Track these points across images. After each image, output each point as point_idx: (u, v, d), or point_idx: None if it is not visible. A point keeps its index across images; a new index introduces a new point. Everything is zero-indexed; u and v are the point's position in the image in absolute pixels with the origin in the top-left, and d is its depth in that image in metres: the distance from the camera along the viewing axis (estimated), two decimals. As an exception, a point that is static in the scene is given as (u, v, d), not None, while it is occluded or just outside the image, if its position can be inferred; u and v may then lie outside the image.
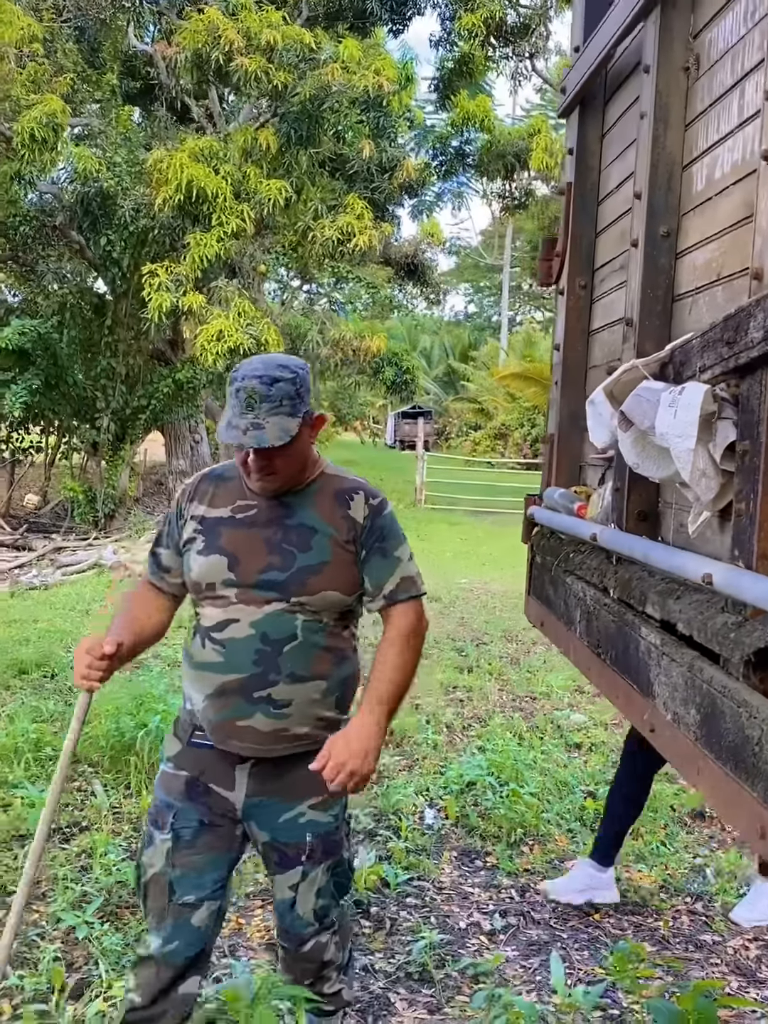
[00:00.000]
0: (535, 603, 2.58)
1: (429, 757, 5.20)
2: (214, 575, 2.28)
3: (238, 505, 2.33)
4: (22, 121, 13.87)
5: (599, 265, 2.37)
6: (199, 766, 2.35)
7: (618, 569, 1.82)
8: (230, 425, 2.16)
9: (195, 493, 2.40)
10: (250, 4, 14.16)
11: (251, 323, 13.42)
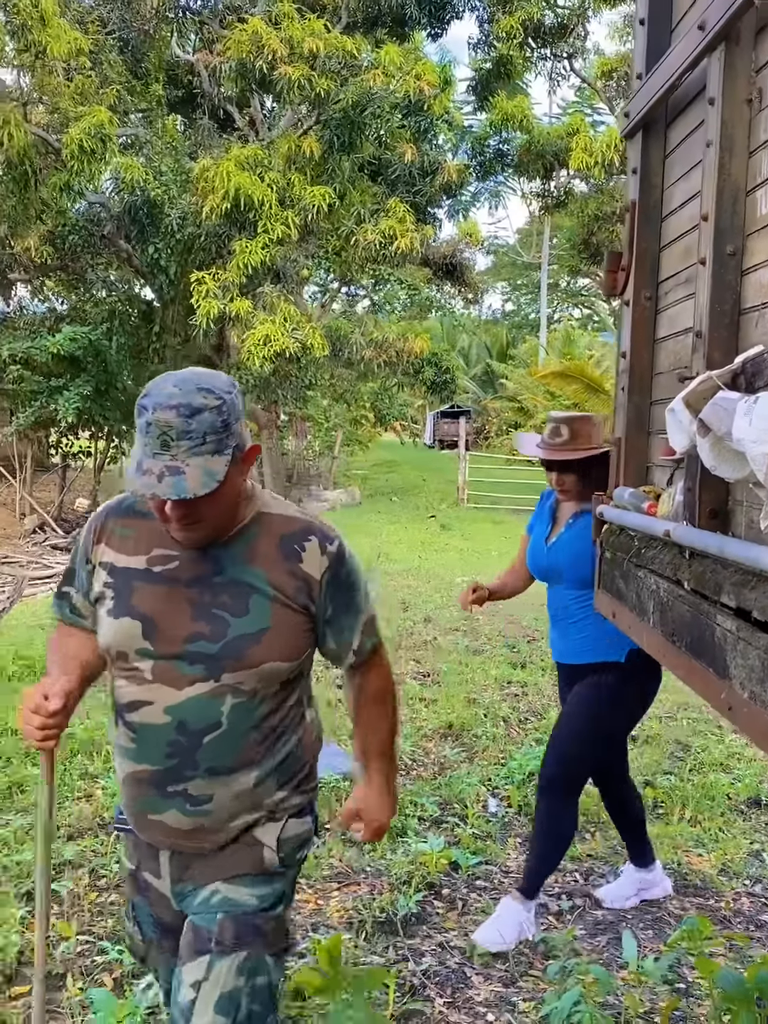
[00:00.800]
0: (605, 596, 2.73)
1: (489, 749, 5.36)
2: (126, 643, 1.90)
3: (156, 555, 1.91)
4: (71, 133, 14.17)
5: (664, 278, 2.52)
6: (136, 855, 2.09)
7: (691, 563, 1.97)
8: (141, 469, 1.73)
9: (101, 532, 1.97)
10: (292, 13, 14.38)
11: (296, 327, 13.64)
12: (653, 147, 2.51)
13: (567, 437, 3.38)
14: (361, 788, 2.18)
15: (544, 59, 20.74)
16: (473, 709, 6.05)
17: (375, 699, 2.14)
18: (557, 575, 3.51)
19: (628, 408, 2.60)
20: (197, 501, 1.75)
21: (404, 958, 3.25)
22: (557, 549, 3.51)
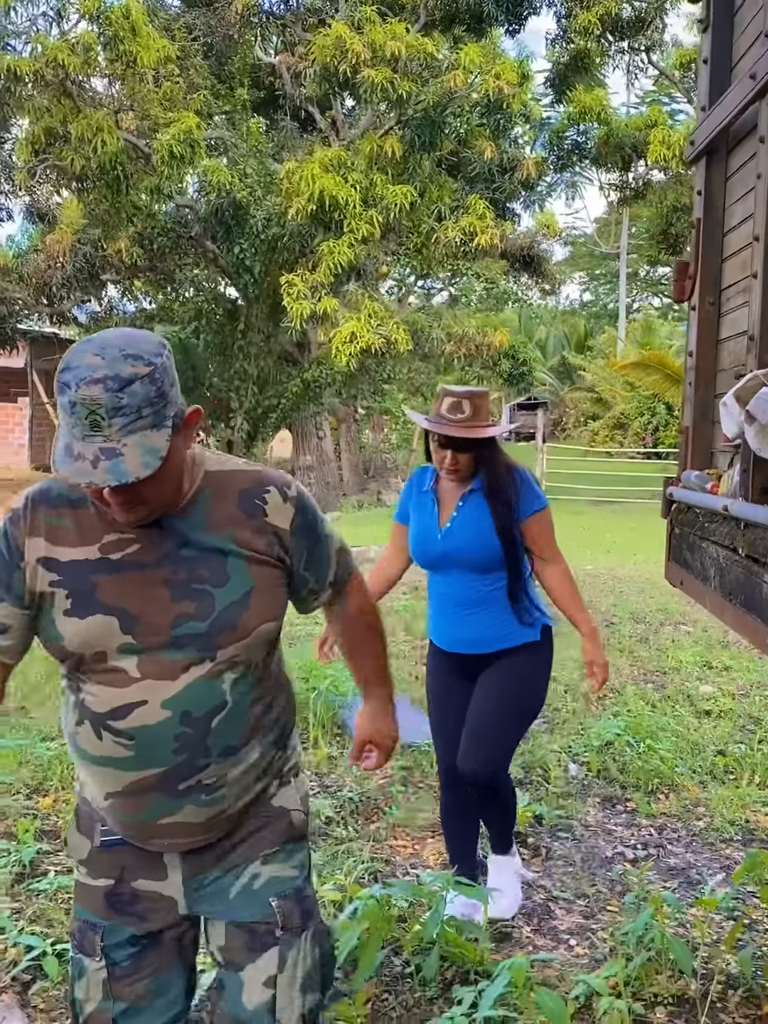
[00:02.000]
0: (675, 566, 3.09)
1: (568, 721, 5.71)
2: (102, 642, 1.70)
3: (109, 542, 1.72)
4: (161, 139, 14.77)
5: (725, 286, 2.86)
6: (116, 866, 1.86)
7: (745, 533, 2.33)
8: (71, 454, 1.53)
9: (32, 525, 1.73)
10: (374, 17, 14.78)
11: (381, 323, 14.06)
12: (715, 172, 2.86)
13: (469, 413, 3.14)
14: (367, 714, 2.15)
15: (621, 52, 20.85)
16: (553, 685, 6.38)
17: (362, 622, 2.10)
18: (456, 561, 3.24)
19: (694, 401, 2.95)
20: (139, 483, 1.56)
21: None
22: (453, 534, 3.25)
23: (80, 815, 1.93)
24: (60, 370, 1.54)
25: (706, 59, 2.91)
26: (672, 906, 3.20)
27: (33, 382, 23.32)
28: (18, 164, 16.46)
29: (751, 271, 2.43)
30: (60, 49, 14.14)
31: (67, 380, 1.53)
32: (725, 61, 2.84)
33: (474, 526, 3.21)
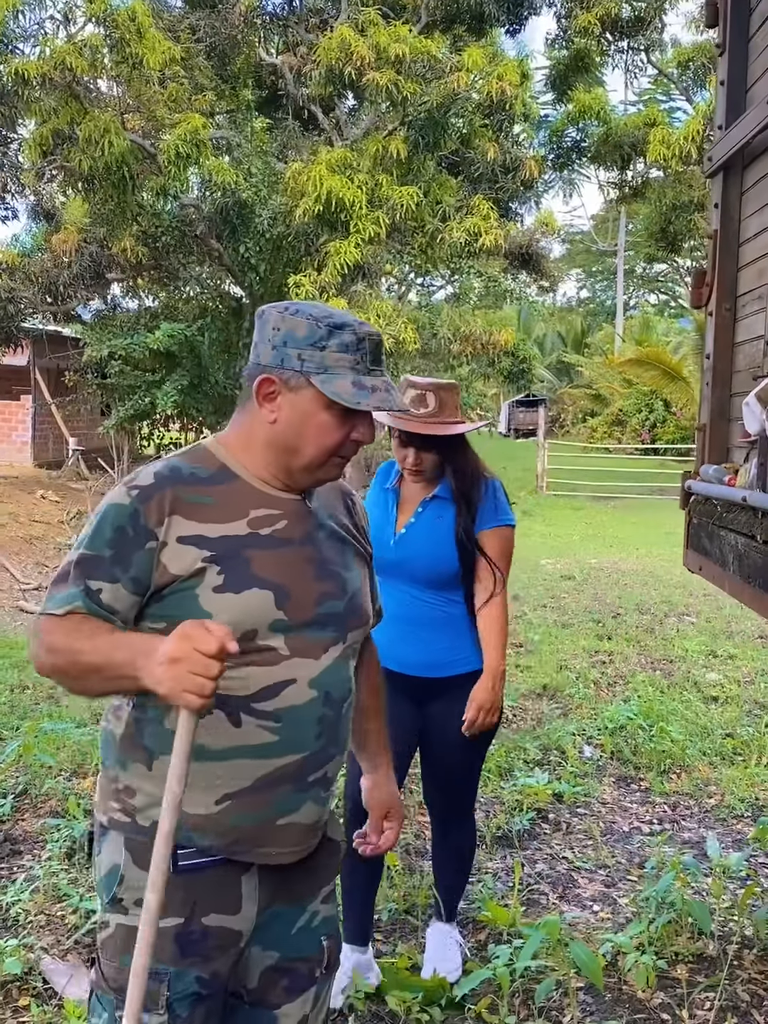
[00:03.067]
0: (693, 554, 3.30)
1: (582, 706, 5.93)
2: (256, 618, 1.64)
3: (256, 517, 1.69)
4: (167, 140, 14.95)
5: (741, 293, 3.07)
6: (188, 901, 1.66)
7: (763, 521, 2.54)
8: (363, 387, 1.62)
9: (167, 504, 1.64)
10: (378, 20, 14.96)
11: (389, 323, 14.25)
12: (732, 186, 3.07)
13: (434, 407, 2.83)
14: (381, 785, 2.03)
15: (621, 52, 21.03)
16: (565, 673, 6.63)
17: (376, 678, 2.06)
18: (407, 572, 2.91)
19: (712, 400, 3.16)
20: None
21: (520, 864, 3.85)
22: (408, 542, 2.93)
23: (136, 846, 1.67)
24: (319, 318, 1.62)
25: (723, 81, 3.12)
26: (692, 870, 3.41)
27: (36, 380, 23.45)
28: (26, 165, 16.63)
29: (764, 280, 2.64)
30: (67, 52, 14.29)
31: (343, 322, 1.63)
32: (741, 84, 3.05)
33: (432, 535, 2.90)
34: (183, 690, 1.42)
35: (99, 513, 1.67)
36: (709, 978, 3.05)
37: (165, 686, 1.45)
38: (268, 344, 1.66)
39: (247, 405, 1.71)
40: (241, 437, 1.73)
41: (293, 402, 1.65)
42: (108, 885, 1.70)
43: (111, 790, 1.72)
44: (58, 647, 1.60)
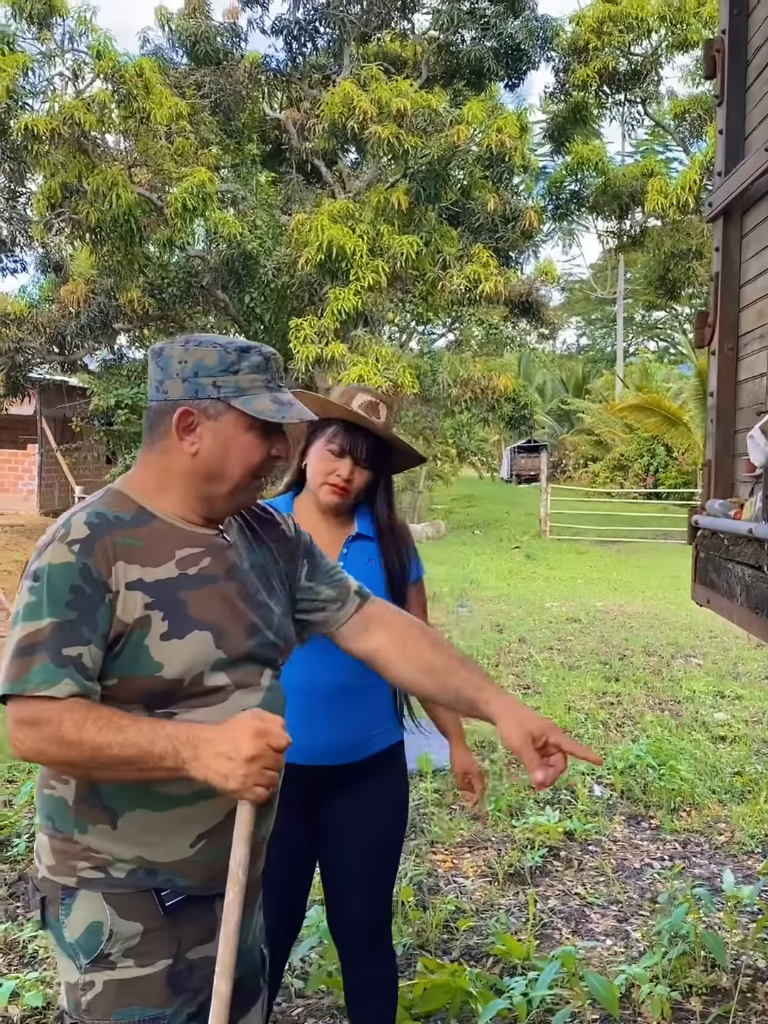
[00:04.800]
0: (700, 587, 3.36)
1: (590, 746, 5.94)
2: (201, 660, 1.64)
3: (182, 557, 1.67)
4: (174, 193, 15.22)
5: (742, 333, 3.17)
6: (175, 939, 1.66)
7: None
8: (281, 402, 1.66)
9: (110, 552, 1.59)
10: (379, 75, 15.29)
11: (387, 367, 14.43)
12: (731, 230, 3.17)
13: (384, 422, 2.49)
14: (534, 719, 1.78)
15: (618, 104, 21.42)
16: (573, 714, 6.65)
17: (436, 637, 1.91)
18: None
19: (716, 437, 3.24)
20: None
21: (533, 900, 3.87)
22: None
23: (117, 898, 1.64)
24: (224, 345, 1.65)
25: (721, 130, 3.24)
26: (704, 900, 3.44)
27: (42, 429, 23.64)
28: (34, 218, 16.91)
29: (764, 319, 2.73)
30: (76, 107, 14.59)
31: (247, 345, 1.67)
32: (739, 132, 3.16)
33: (363, 582, 2.07)
34: (255, 784, 1.49)
35: (42, 577, 1.57)
36: (723, 1011, 3.07)
37: (236, 782, 1.48)
38: (177, 378, 1.65)
39: (157, 444, 1.69)
40: (153, 477, 1.70)
41: (214, 429, 1.65)
42: (88, 945, 1.64)
43: (72, 852, 1.66)
44: (73, 740, 1.51)
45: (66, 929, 1.65)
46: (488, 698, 1.79)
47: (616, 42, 18.74)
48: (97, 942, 1.63)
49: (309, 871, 2.55)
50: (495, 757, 5.64)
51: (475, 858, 4.34)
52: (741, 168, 2.91)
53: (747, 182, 2.84)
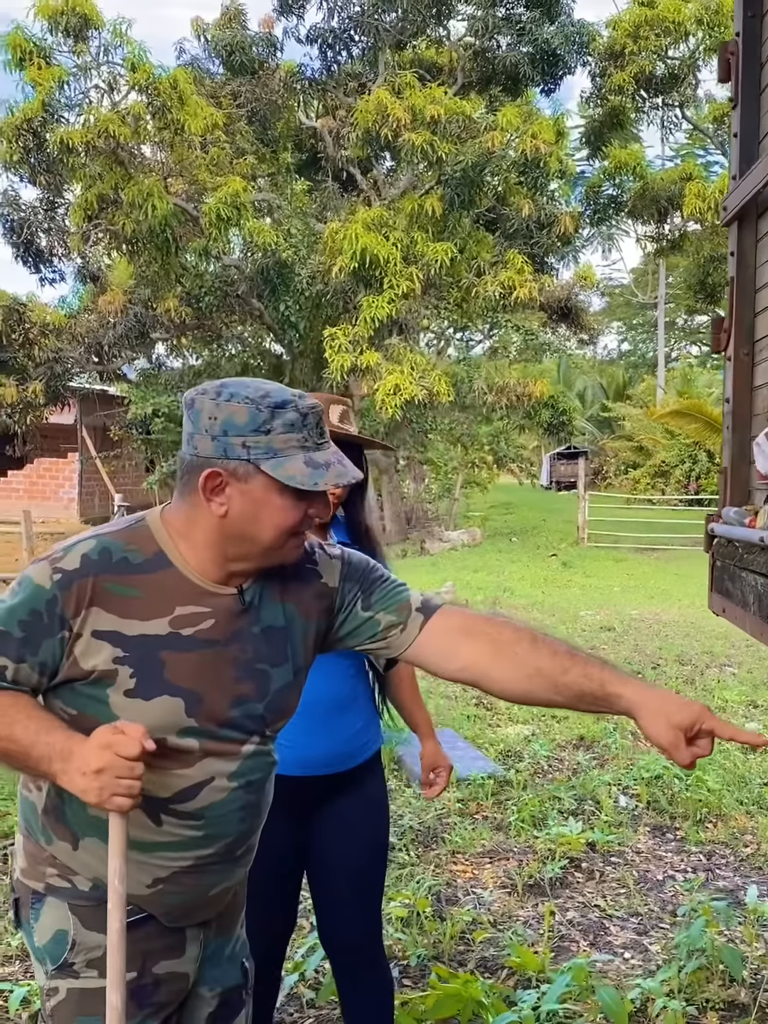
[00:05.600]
0: (717, 596, 3.31)
1: (618, 757, 5.89)
2: (166, 726, 1.59)
3: (181, 615, 1.60)
4: (209, 203, 15.34)
5: (758, 338, 3.12)
6: (138, 953, 1.64)
7: (780, 560, 2.57)
8: (316, 464, 1.55)
9: (89, 593, 1.55)
10: (414, 82, 15.32)
11: (423, 375, 14.42)
12: (746, 234, 3.13)
13: (354, 431, 2.46)
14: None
15: (656, 108, 21.29)
16: (602, 723, 6.58)
17: (524, 629, 1.73)
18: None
19: (732, 443, 3.20)
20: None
21: (552, 912, 3.83)
22: None
23: (81, 909, 1.65)
24: (257, 400, 1.53)
25: (736, 133, 3.20)
26: (722, 913, 3.38)
27: (83, 438, 23.88)
28: (71, 228, 17.10)
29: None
30: (111, 120, 14.77)
31: (283, 400, 1.54)
32: (754, 135, 3.12)
33: None
34: (112, 795, 1.46)
35: (21, 586, 1.57)
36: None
37: (93, 795, 1.47)
38: (206, 435, 1.54)
39: (188, 497, 1.61)
40: (182, 523, 1.62)
41: (244, 492, 1.55)
42: (54, 952, 1.65)
43: (42, 857, 1.67)
44: None
45: (35, 933, 1.67)
46: (619, 692, 1.61)
47: (653, 46, 18.62)
48: (62, 950, 1.64)
49: (298, 880, 2.51)
50: (521, 767, 5.59)
51: (495, 868, 4.30)
52: (755, 171, 2.87)
53: (760, 185, 2.80)
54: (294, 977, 3.20)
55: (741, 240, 3.14)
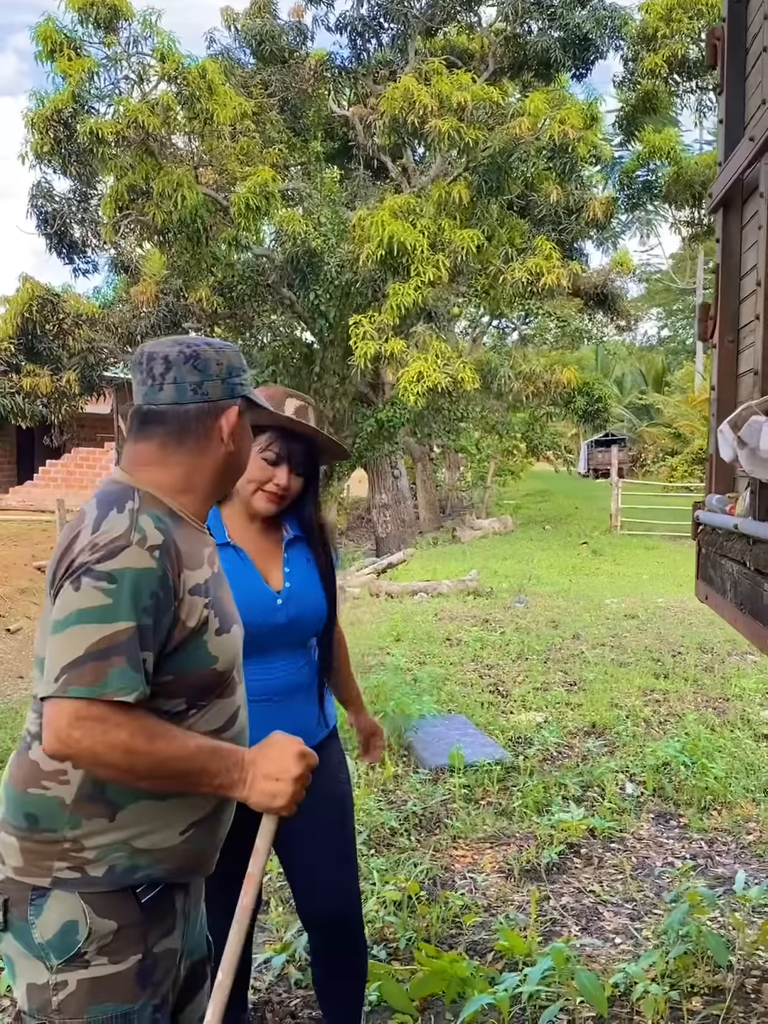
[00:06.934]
0: (702, 583, 3.32)
1: (629, 744, 5.89)
2: (237, 651, 1.80)
3: (208, 555, 1.78)
4: (238, 192, 15.38)
5: (742, 325, 3.12)
6: (143, 933, 1.70)
7: (753, 548, 2.57)
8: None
9: (178, 561, 1.66)
10: (441, 69, 15.26)
11: (447, 363, 14.39)
12: (732, 220, 3.12)
13: (315, 425, 2.48)
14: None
15: (690, 92, 21.04)
16: (616, 711, 6.59)
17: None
18: (296, 634, 2.46)
19: (717, 430, 3.20)
20: None
21: (546, 897, 3.86)
22: (296, 597, 2.45)
23: (93, 897, 1.67)
24: (234, 347, 1.83)
25: (722, 119, 3.19)
26: (707, 899, 3.39)
27: (119, 427, 24.08)
28: (103, 219, 17.22)
29: (755, 313, 2.69)
30: (141, 110, 14.81)
31: (217, 347, 1.79)
32: (739, 121, 3.11)
33: (311, 582, 2.48)
34: (293, 802, 1.68)
35: (121, 580, 1.57)
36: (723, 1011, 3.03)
37: (283, 799, 1.67)
38: (216, 380, 1.76)
39: (190, 445, 1.75)
40: (180, 478, 1.76)
41: (244, 425, 1.83)
42: (62, 944, 1.66)
43: (52, 852, 1.67)
44: (143, 750, 1.56)
45: (36, 929, 1.67)
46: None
47: (686, 29, 18.40)
48: (73, 941, 1.65)
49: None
50: (529, 753, 5.61)
51: (495, 854, 4.33)
52: (737, 155, 2.87)
53: (742, 168, 2.79)
54: (282, 957, 3.25)
55: (727, 226, 3.14)
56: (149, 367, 1.76)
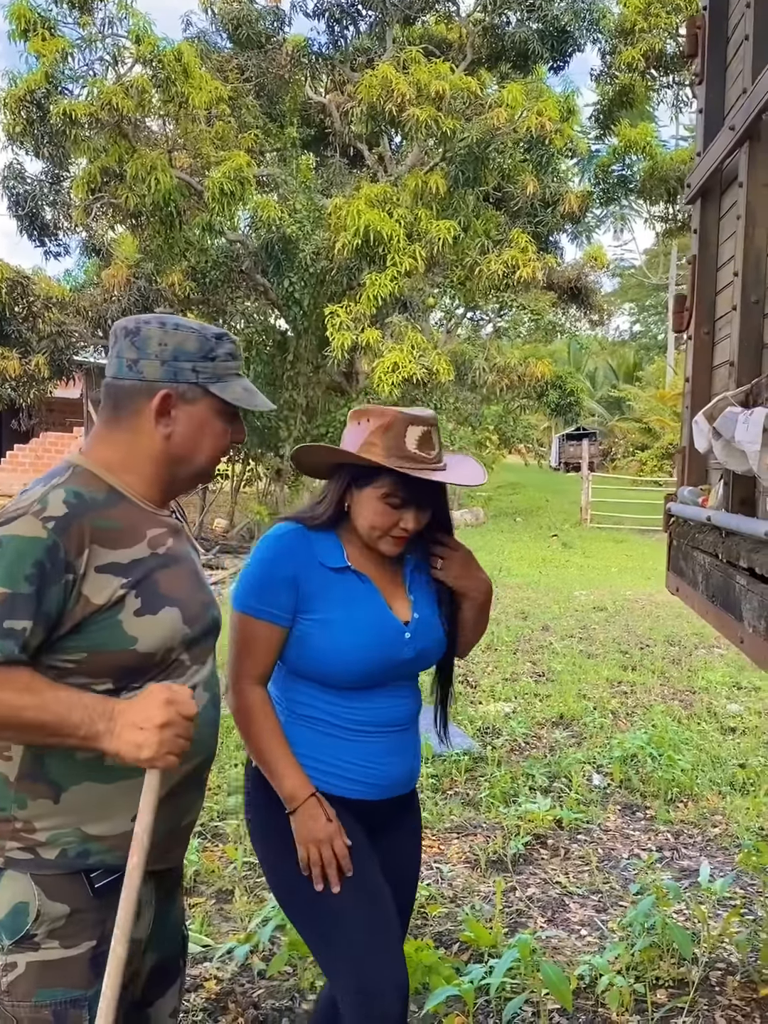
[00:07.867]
0: (672, 576, 3.31)
1: (596, 735, 5.90)
2: (173, 635, 1.70)
3: (151, 537, 1.72)
4: (212, 177, 15.25)
5: (717, 317, 3.10)
6: (100, 921, 1.66)
7: (725, 540, 2.56)
8: (251, 391, 1.76)
9: (83, 536, 1.60)
10: (420, 58, 15.20)
11: (423, 354, 14.36)
12: (709, 212, 3.10)
13: (439, 449, 2.13)
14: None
15: (667, 86, 21.08)
16: (584, 703, 6.60)
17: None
18: (416, 667, 2.23)
19: (690, 422, 3.18)
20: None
21: (512, 888, 3.85)
22: (423, 629, 2.19)
23: (45, 879, 1.64)
24: (201, 331, 1.70)
25: (701, 109, 3.17)
26: (672, 891, 3.39)
27: (88, 412, 23.88)
28: (75, 202, 17.05)
29: (732, 304, 2.67)
30: (115, 92, 14.64)
31: (221, 332, 1.74)
32: (718, 110, 3.09)
33: (435, 611, 2.24)
34: (167, 753, 1.55)
35: (5, 546, 1.56)
36: (687, 1003, 3.03)
37: (150, 750, 1.53)
38: (155, 359, 1.68)
39: (124, 423, 1.71)
40: (119, 456, 1.72)
41: (190, 414, 1.72)
42: (13, 925, 1.62)
43: (4, 831, 1.65)
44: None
45: None
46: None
47: (664, 23, 18.42)
48: (23, 923, 1.63)
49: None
50: (497, 744, 5.61)
51: (462, 844, 4.32)
52: (714, 146, 2.85)
53: (718, 161, 2.78)
54: (246, 948, 3.21)
55: (704, 217, 3.12)
56: (113, 340, 1.74)
